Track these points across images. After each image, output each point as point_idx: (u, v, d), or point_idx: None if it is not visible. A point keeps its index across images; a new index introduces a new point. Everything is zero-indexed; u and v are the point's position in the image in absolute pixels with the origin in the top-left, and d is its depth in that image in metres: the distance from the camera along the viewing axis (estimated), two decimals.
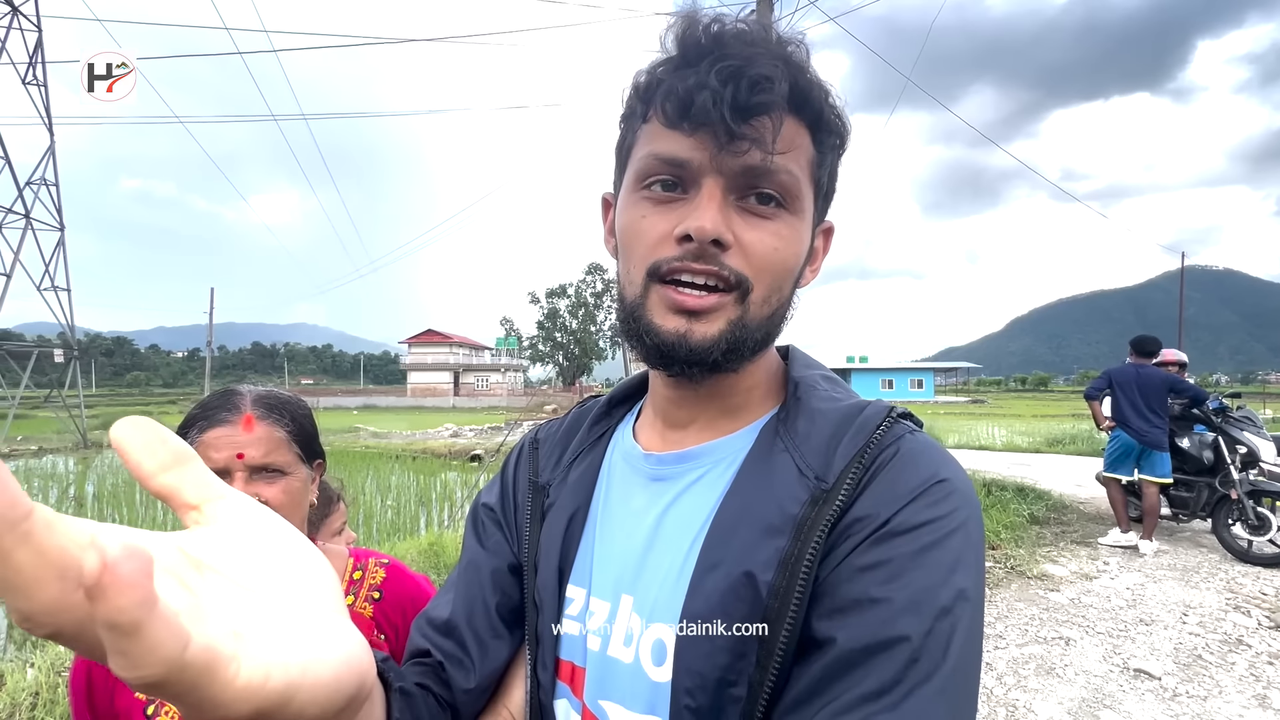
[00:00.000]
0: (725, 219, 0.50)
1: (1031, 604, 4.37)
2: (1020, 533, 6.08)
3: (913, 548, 0.45)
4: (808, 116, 0.51)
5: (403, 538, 7.03)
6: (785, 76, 0.48)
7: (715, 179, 0.50)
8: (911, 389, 55.28)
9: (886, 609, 0.43)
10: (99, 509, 9.45)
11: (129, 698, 0.87)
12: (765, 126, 0.48)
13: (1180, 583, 4.75)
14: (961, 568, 0.45)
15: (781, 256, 0.52)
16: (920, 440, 0.52)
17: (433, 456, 16.11)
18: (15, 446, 18.69)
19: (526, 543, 0.63)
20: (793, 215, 0.52)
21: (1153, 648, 3.68)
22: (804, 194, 0.52)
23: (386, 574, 1.04)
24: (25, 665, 2.95)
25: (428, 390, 55.87)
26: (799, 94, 0.50)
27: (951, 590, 0.43)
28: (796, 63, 0.50)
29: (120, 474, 13.05)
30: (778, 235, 0.51)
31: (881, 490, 0.48)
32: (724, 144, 0.48)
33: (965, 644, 0.43)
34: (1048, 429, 17.10)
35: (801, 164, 0.52)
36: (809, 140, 0.52)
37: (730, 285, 0.51)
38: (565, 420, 0.72)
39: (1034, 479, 8.31)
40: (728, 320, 0.51)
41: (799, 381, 0.58)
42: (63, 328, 20.83)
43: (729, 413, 0.59)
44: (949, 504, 0.47)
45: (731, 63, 0.47)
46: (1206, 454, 5.55)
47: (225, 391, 0.93)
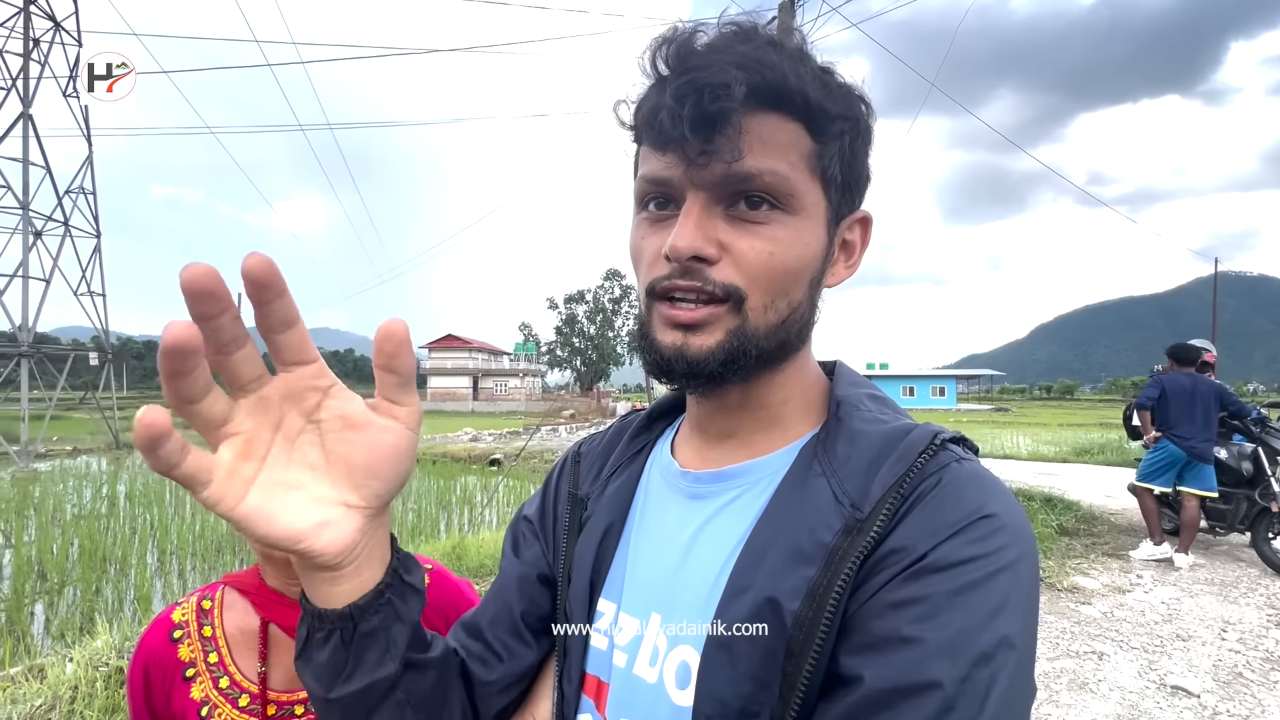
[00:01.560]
0: (708, 232, 0.49)
1: (1062, 617, 4.27)
2: (1049, 544, 5.95)
3: (951, 586, 0.41)
4: (792, 109, 0.49)
5: (424, 540, 7.10)
6: (744, 78, 0.46)
7: (695, 194, 0.49)
8: (934, 396, 54.46)
9: (919, 650, 0.40)
10: (131, 508, 9.69)
11: (185, 698, 0.89)
12: (729, 135, 0.47)
13: (1218, 597, 4.61)
14: (1008, 611, 0.41)
15: (779, 260, 0.50)
16: (968, 469, 0.48)
17: (452, 460, 16.25)
18: (51, 447, 19.25)
19: (563, 554, 0.63)
20: (790, 215, 0.50)
21: (1190, 664, 3.57)
22: (801, 191, 0.50)
23: (430, 580, 1.03)
24: (65, 659, 3.03)
25: (447, 395, 56.40)
26: (770, 90, 0.47)
27: (994, 635, 0.40)
28: (763, 60, 0.47)
29: (150, 474, 13.37)
30: (772, 239, 0.50)
31: (920, 522, 0.45)
32: (692, 159, 0.48)
33: (1007, 697, 0.39)
34: (1075, 438, 16.72)
35: (792, 160, 0.49)
36: (802, 132, 0.50)
37: (720, 298, 0.50)
38: (607, 433, 0.72)
39: (1061, 489, 8.11)
40: (725, 331, 0.50)
41: (841, 400, 0.55)
42: (97, 331, 21.46)
43: (765, 428, 0.57)
44: (996, 540, 0.43)
45: (688, 77, 0.46)
46: (1245, 465, 5.39)
47: None
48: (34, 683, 2.85)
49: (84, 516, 8.99)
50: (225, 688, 0.90)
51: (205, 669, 0.91)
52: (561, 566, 0.63)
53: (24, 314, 17.99)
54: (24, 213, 18.05)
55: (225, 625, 0.94)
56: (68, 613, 5.54)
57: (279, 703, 0.90)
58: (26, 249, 18.04)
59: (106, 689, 2.82)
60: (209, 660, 0.91)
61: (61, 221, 19.69)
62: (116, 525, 8.48)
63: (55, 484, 12.55)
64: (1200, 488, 5.26)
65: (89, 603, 5.69)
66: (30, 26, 18.48)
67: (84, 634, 3.86)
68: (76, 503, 10.53)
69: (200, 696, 0.89)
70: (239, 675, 0.90)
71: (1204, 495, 5.27)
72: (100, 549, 7.09)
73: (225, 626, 0.94)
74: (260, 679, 0.90)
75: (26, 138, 18.18)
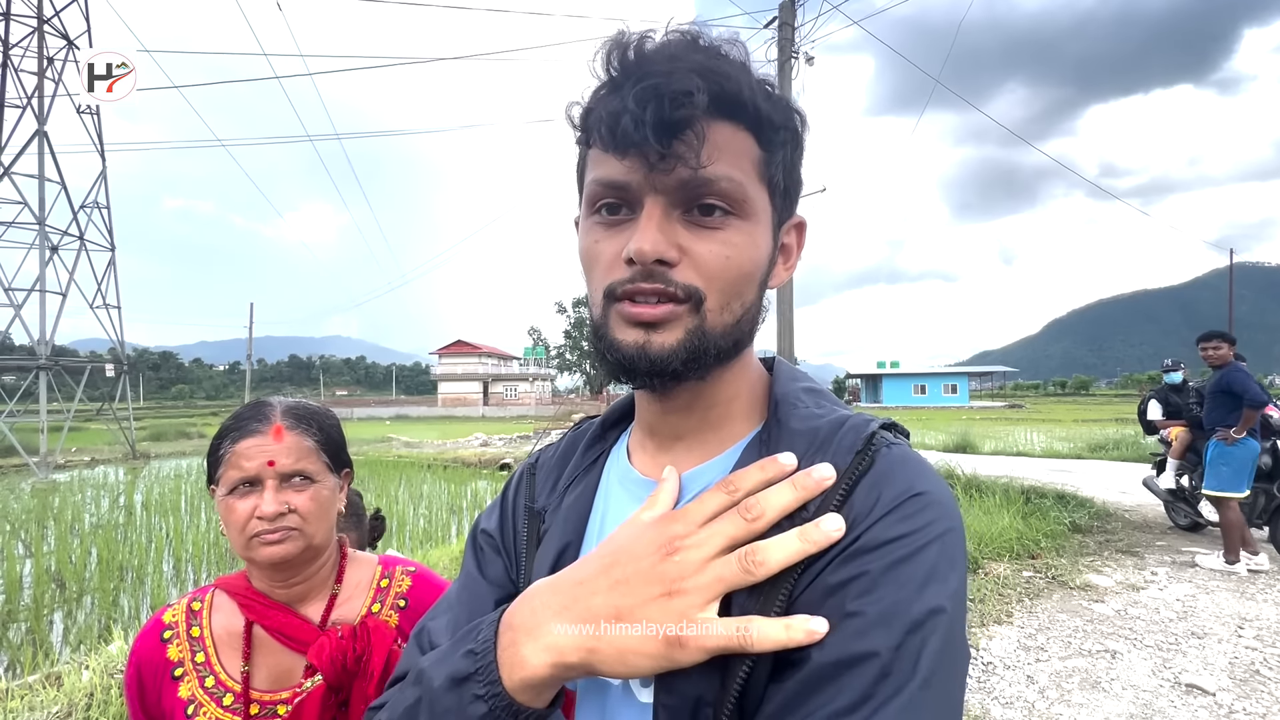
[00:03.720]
0: (669, 236, 0.50)
1: (1075, 615, 4.22)
2: (1061, 541, 5.89)
3: (884, 562, 0.44)
4: (745, 118, 0.51)
5: (435, 545, 7.14)
6: (705, 87, 0.47)
7: (654, 198, 0.50)
8: (946, 394, 53.99)
9: (858, 623, 0.42)
10: (147, 518, 9.82)
11: (173, 696, 0.91)
12: (691, 140, 0.48)
13: (1235, 594, 4.54)
14: (935, 581, 0.44)
15: (735, 264, 0.52)
16: (897, 453, 0.50)
17: (463, 465, 16.33)
18: (70, 457, 19.56)
19: (523, 569, 0.63)
20: (743, 220, 0.52)
21: (1206, 662, 3.52)
22: (753, 197, 0.52)
23: (413, 582, 1.05)
24: (81, 667, 3.09)
25: (458, 400, 56.68)
26: (728, 99, 0.49)
27: (924, 605, 0.43)
28: (720, 70, 0.49)
29: (166, 483, 13.55)
30: (728, 244, 0.51)
31: (856, 506, 0.47)
32: (654, 164, 0.49)
33: (938, 659, 0.42)
34: (1089, 434, 16.52)
35: (744, 168, 0.51)
36: (751, 142, 0.52)
37: (681, 299, 0.51)
38: (561, 444, 0.72)
39: (1075, 486, 8.02)
40: (685, 329, 0.51)
41: (780, 399, 0.57)
42: (113, 343, 21.79)
43: (713, 426, 0.58)
44: (924, 516, 0.46)
45: (650, 81, 0.47)
46: (1264, 459, 5.30)
47: (256, 403, 0.96)
48: (51, 690, 2.90)
49: (102, 526, 9.13)
50: (211, 687, 0.91)
51: (192, 668, 0.92)
52: (523, 580, 0.63)
53: (42, 327, 18.30)
54: (40, 228, 18.37)
55: (213, 626, 0.95)
56: (85, 621, 5.63)
57: (261, 702, 0.91)
58: (44, 263, 18.36)
59: (121, 696, 2.87)
60: (196, 660, 0.93)
61: (77, 236, 20.02)
62: (134, 534, 8.60)
63: (73, 494, 12.75)
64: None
65: (106, 611, 5.78)
66: (45, 45, 18.84)
67: (101, 642, 3.92)
68: (95, 512, 10.70)
69: (187, 695, 0.91)
70: (224, 675, 0.92)
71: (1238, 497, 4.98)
72: (118, 558, 7.20)
73: (213, 627, 0.95)
74: (243, 679, 0.91)
75: (42, 154, 18.50)
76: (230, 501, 0.88)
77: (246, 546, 0.88)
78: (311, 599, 0.97)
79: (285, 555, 0.88)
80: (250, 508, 0.87)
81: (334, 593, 0.99)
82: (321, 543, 0.94)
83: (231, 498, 0.89)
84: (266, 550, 0.88)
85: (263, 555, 0.88)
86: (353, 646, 0.90)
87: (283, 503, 0.88)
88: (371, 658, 0.90)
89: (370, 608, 0.99)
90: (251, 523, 0.87)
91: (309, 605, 0.97)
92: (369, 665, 0.90)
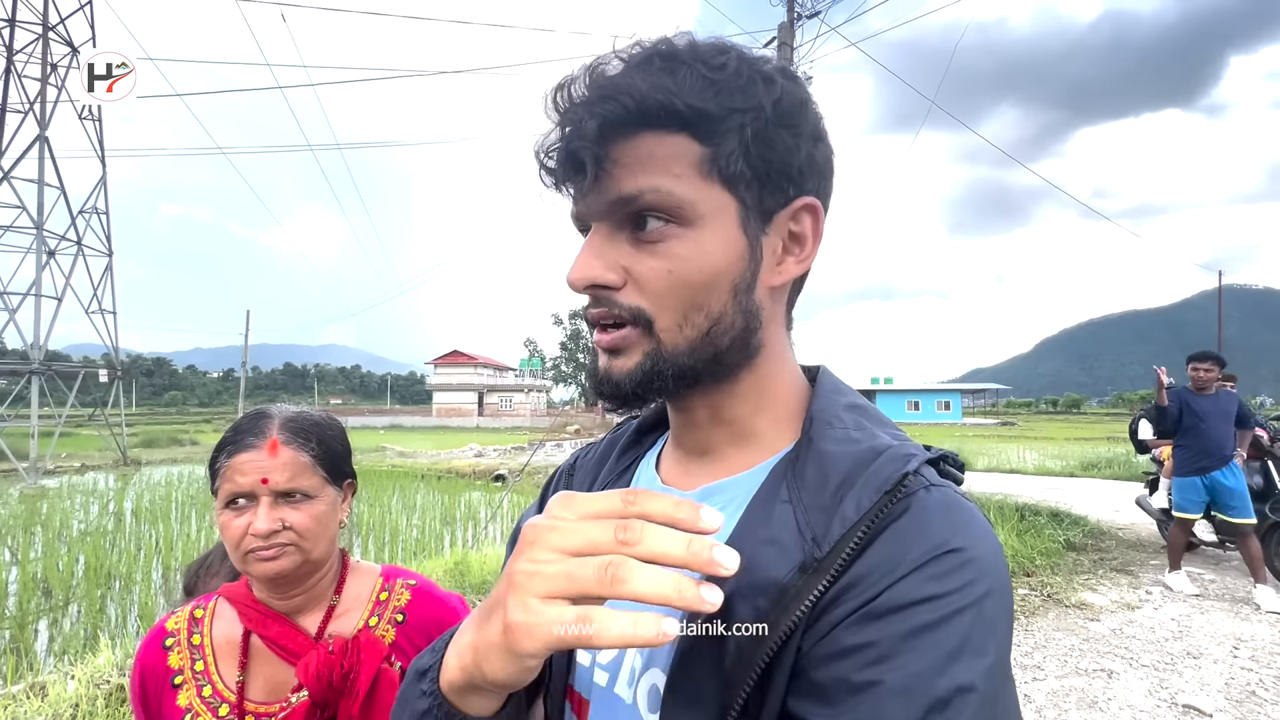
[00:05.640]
0: (609, 259, 0.50)
1: (1070, 634, 4.22)
2: (1056, 559, 5.89)
3: (904, 628, 0.39)
4: (671, 122, 0.47)
5: (428, 556, 7.08)
6: (595, 113, 0.46)
7: (597, 225, 0.51)
8: (939, 411, 54.11)
9: (872, 697, 0.38)
10: (137, 524, 9.71)
11: (172, 705, 0.90)
12: (602, 162, 0.47)
13: (1230, 614, 4.54)
14: (967, 653, 0.38)
15: (680, 276, 0.49)
16: (937, 497, 0.45)
17: (457, 476, 16.24)
18: (60, 463, 19.35)
19: None
20: (686, 227, 0.49)
21: (1202, 682, 3.51)
22: (692, 199, 0.48)
23: (412, 595, 1.02)
24: (67, 678, 3.04)
25: (453, 410, 56.47)
26: (634, 113, 0.46)
27: (950, 681, 0.37)
28: (622, 86, 0.46)
29: (156, 490, 13.41)
30: (669, 256, 0.49)
31: (879, 557, 0.42)
32: (577, 198, 0.51)
33: None
34: (1081, 452, 16.56)
35: (678, 171, 0.48)
36: (687, 140, 0.48)
37: (629, 322, 0.50)
38: (600, 445, 0.72)
39: (1069, 504, 8.03)
40: (641, 353, 0.50)
41: (815, 416, 0.53)
42: (107, 349, 21.66)
43: (738, 443, 0.56)
44: (959, 577, 0.40)
45: (560, 120, 0.49)
46: (1256, 479, 5.33)
47: (255, 414, 0.94)
48: (35, 700, 2.85)
49: (90, 533, 9.02)
50: (207, 696, 0.90)
51: (191, 676, 0.91)
52: None
53: (36, 332, 18.19)
54: (38, 232, 18.33)
55: (213, 634, 0.94)
56: (71, 630, 5.54)
57: (256, 714, 0.89)
58: (40, 268, 18.30)
59: (108, 707, 2.82)
60: (195, 668, 0.92)
61: (75, 241, 19.98)
62: (122, 542, 8.50)
63: (63, 500, 12.59)
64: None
65: (93, 620, 5.69)
66: (49, 52, 18.92)
67: (87, 651, 3.86)
68: (83, 519, 10.56)
69: (185, 703, 0.89)
70: (220, 685, 0.91)
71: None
72: (105, 566, 7.11)
73: (213, 635, 0.94)
74: (238, 688, 0.90)
75: (42, 159, 18.52)
76: (226, 516, 0.87)
77: (243, 561, 0.87)
78: (310, 610, 0.96)
79: (280, 571, 0.87)
80: (245, 523, 0.86)
81: (332, 604, 0.97)
82: (319, 557, 0.92)
83: (228, 512, 0.87)
84: (261, 566, 0.86)
85: (258, 571, 0.87)
86: (341, 663, 0.87)
87: (277, 520, 0.86)
88: (360, 675, 0.88)
89: (367, 621, 0.97)
90: (246, 539, 0.86)
91: (307, 616, 0.96)
92: (355, 683, 0.87)
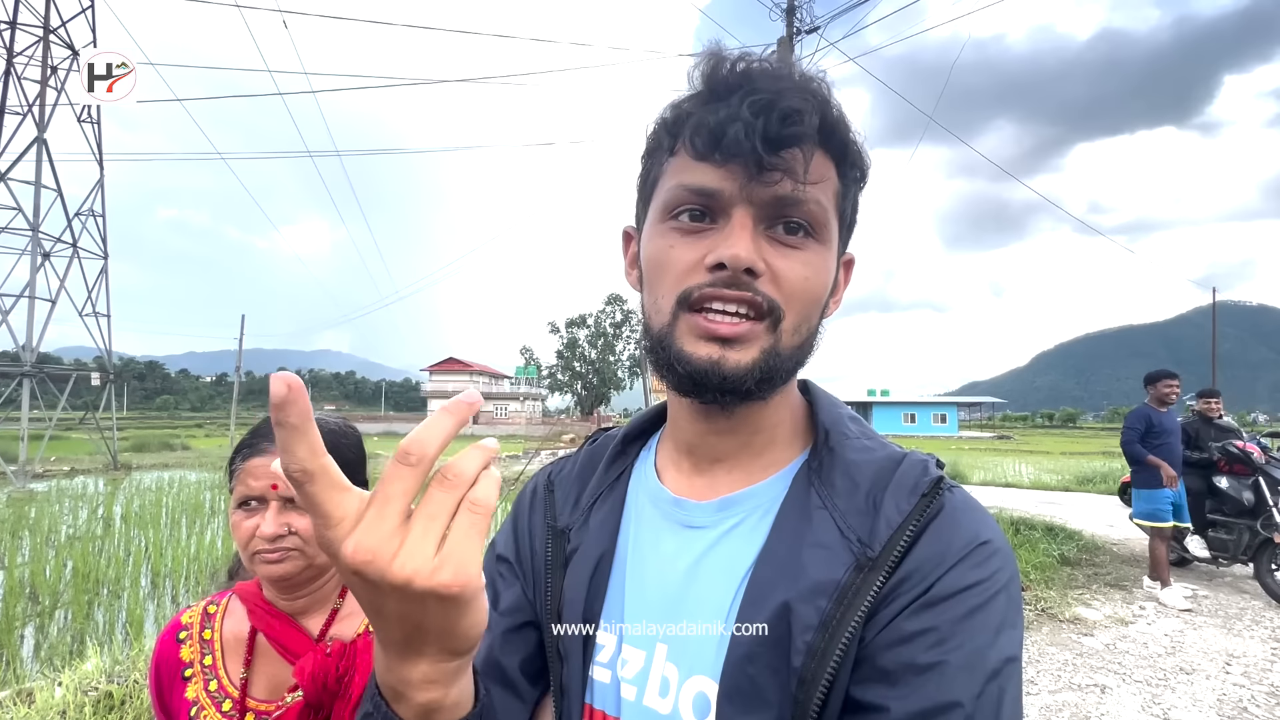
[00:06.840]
0: (757, 248, 0.50)
1: (1064, 648, 4.21)
2: (1050, 573, 5.89)
3: (960, 611, 0.45)
4: (834, 150, 0.52)
5: None
6: (814, 110, 0.48)
7: (745, 209, 0.50)
8: (935, 424, 54.20)
9: (939, 674, 0.43)
10: (126, 530, 9.61)
11: (180, 698, 0.92)
12: (796, 158, 0.49)
13: (1222, 630, 4.55)
14: (1006, 629, 0.46)
15: (811, 285, 0.52)
16: (959, 498, 0.52)
17: None
18: (49, 467, 19.17)
19: (549, 591, 0.60)
20: (820, 245, 0.52)
21: (1195, 698, 3.51)
22: (830, 224, 0.53)
23: None
24: (54, 684, 3.00)
25: None
26: (826, 128, 0.50)
27: (999, 654, 0.44)
28: (823, 97, 0.50)
29: (146, 495, 13.29)
30: (808, 264, 0.51)
31: (926, 552, 0.48)
32: (754, 175, 0.49)
33: (1014, 706, 0.44)
34: (1077, 466, 16.61)
35: (828, 195, 0.52)
36: (835, 173, 0.53)
37: (763, 313, 0.50)
38: (578, 459, 0.69)
39: (1063, 518, 8.05)
40: (760, 349, 0.51)
41: (830, 428, 0.56)
42: (100, 352, 21.53)
43: (756, 451, 0.57)
44: (993, 564, 0.48)
45: (762, 96, 0.47)
46: (1246, 495, 5.36)
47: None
48: (22, 707, 2.82)
49: (78, 538, 8.92)
50: (213, 690, 0.92)
51: (200, 670, 0.93)
52: (549, 604, 0.60)
53: (29, 333, 18.08)
54: (34, 234, 18.27)
55: (224, 630, 0.96)
56: (58, 636, 5.47)
57: (258, 711, 0.90)
58: (34, 270, 18.22)
59: (95, 714, 2.79)
60: (204, 663, 0.94)
61: (70, 243, 19.92)
62: (111, 547, 8.40)
63: (51, 504, 12.46)
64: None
65: (80, 626, 5.62)
66: (49, 54, 18.97)
67: (74, 658, 3.81)
68: (72, 524, 10.45)
69: (192, 697, 0.92)
70: (226, 680, 0.93)
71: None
72: (94, 571, 7.03)
73: (224, 631, 0.96)
74: (241, 685, 0.91)
75: (39, 161, 18.50)
76: (238, 516, 0.90)
77: (250, 561, 0.90)
78: (314, 612, 0.98)
79: (284, 574, 0.89)
80: (254, 525, 0.88)
81: (336, 608, 0.98)
82: (325, 562, 0.93)
83: (240, 513, 0.90)
84: (265, 568, 0.89)
85: (262, 572, 0.90)
86: (337, 665, 0.89)
87: (283, 525, 0.88)
88: (354, 678, 0.89)
89: (368, 626, 0.97)
90: (254, 540, 0.88)
91: (311, 618, 0.97)
92: (349, 686, 0.89)
